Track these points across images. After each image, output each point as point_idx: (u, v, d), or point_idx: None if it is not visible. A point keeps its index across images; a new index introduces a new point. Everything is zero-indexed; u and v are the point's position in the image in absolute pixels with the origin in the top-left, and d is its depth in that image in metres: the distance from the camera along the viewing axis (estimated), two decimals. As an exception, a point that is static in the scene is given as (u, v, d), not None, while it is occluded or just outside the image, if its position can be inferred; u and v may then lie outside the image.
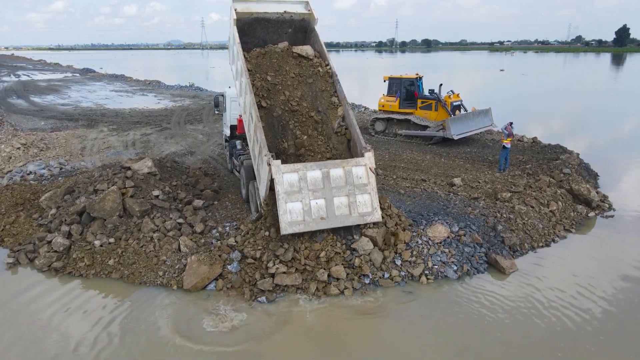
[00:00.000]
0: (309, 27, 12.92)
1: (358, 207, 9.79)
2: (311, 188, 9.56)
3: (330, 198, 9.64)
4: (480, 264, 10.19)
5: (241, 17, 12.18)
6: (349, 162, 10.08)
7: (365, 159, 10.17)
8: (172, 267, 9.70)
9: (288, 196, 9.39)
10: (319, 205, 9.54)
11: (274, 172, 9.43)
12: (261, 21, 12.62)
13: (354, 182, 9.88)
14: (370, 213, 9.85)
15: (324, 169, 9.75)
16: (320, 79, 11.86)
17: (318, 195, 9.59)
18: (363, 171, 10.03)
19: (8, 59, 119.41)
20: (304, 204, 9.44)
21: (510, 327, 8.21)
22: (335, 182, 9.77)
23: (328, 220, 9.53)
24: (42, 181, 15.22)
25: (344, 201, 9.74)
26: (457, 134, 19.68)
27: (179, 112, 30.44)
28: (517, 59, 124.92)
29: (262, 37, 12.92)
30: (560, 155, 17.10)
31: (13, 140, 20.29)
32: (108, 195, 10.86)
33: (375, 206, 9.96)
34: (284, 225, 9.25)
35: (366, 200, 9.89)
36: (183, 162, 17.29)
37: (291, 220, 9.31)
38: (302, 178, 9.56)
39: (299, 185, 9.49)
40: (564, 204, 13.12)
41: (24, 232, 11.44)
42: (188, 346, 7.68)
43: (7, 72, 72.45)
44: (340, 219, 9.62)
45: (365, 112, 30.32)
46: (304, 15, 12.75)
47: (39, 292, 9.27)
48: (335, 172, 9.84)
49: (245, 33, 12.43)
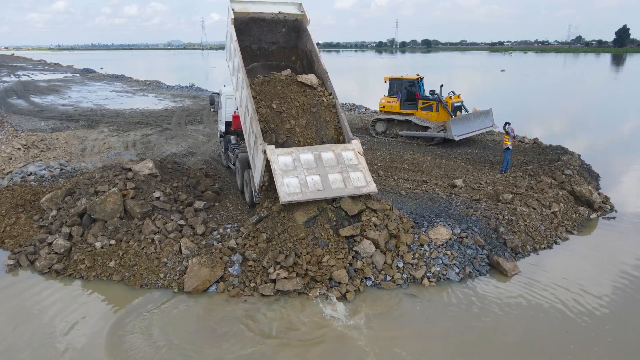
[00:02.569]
0: (302, 27, 13.66)
1: (352, 181, 10.35)
2: (305, 167, 10.26)
3: (324, 174, 10.26)
4: (482, 266, 10.16)
5: (238, 17, 12.87)
6: (338, 146, 10.90)
7: (353, 145, 10.98)
8: (173, 269, 9.67)
9: (284, 173, 10.06)
10: (315, 180, 10.15)
11: (269, 154, 10.14)
12: (257, 21, 13.37)
13: (345, 163, 10.59)
14: (365, 186, 10.39)
15: (315, 152, 10.55)
16: (324, 108, 11.96)
17: (313, 172, 10.23)
18: (352, 154, 10.79)
19: (8, 59, 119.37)
20: (300, 179, 10.05)
21: (512, 329, 8.18)
22: (328, 162, 10.49)
23: (325, 191, 10.04)
24: (43, 182, 15.19)
25: (338, 177, 10.34)
26: (458, 135, 19.65)
27: (179, 113, 30.41)
28: (518, 59, 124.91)
29: (257, 35, 13.81)
30: (562, 157, 17.07)
31: (13, 141, 20.25)
32: (109, 196, 10.83)
33: (369, 180, 10.49)
34: (283, 195, 9.77)
35: (359, 176, 10.48)
36: (184, 163, 17.26)
37: (289, 192, 9.84)
38: (295, 159, 10.33)
39: (294, 164, 10.24)
40: (566, 205, 13.09)
41: (25, 234, 11.41)
42: (190, 349, 7.65)
43: (7, 72, 72.44)
44: (336, 191, 10.13)
45: (365, 112, 30.30)
46: (297, 16, 13.47)
47: (40, 294, 9.24)
48: (326, 154, 10.61)
49: (241, 32, 13.15)
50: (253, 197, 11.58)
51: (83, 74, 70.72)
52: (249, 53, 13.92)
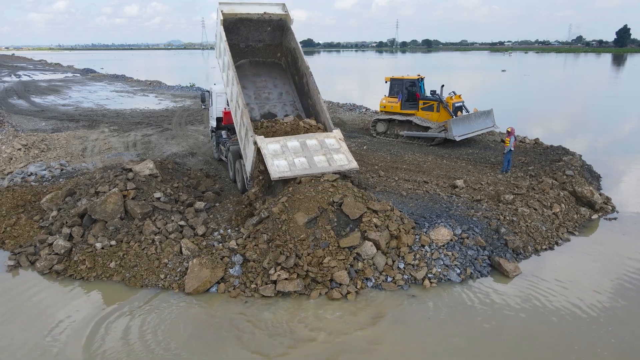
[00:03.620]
0: (286, 26, 14.85)
1: (335, 161, 11.48)
2: (292, 151, 11.37)
3: (310, 156, 11.41)
4: (483, 267, 10.13)
5: (227, 17, 13.88)
6: (321, 135, 12.14)
7: (334, 133, 12.24)
8: (174, 270, 9.64)
9: (274, 156, 11.14)
10: (302, 161, 11.26)
11: (259, 143, 11.22)
12: (244, 21, 14.44)
13: (328, 147, 11.76)
14: (347, 164, 11.55)
15: (300, 140, 11.70)
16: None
17: (299, 155, 11.37)
18: (334, 141, 11.98)
19: (9, 59, 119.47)
20: (289, 161, 11.15)
21: (514, 330, 8.15)
22: (312, 147, 11.65)
23: (311, 169, 11.13)
24: (43, 182, 15.18)
25: (322, 158, 11.49)
26: (459, 135, 19.63)
27: (179, 113, 30.41)
28: (518, 59, 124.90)
29: (245, 34, 14.99)
30: (563, 157, 17.03)
31: (14, 141, 20.24)
32: (109, 197, 10.81)
33: (351, 159, 11.65)
34: (273, 172, 10.84)
35: (341, 157, 11.64)
36: (184, 163, 17.26)
37: (279, 171, 10.91)
38: (283, 145, 11.42)
39: (282, 150, 11.34)
40: (567, 206, 13.06)
41: (25, 235, 11.38)
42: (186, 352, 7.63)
43: (8, 72, 72.49)
44: (321, 169, 11.20)
45: (366, 113, 30.28)
46: (281, 16, 14.54)
47: (39, 295, 9.22)
48: (311, 141, 11.78)
49: (230, 31, 14.26)
50: (245, 184, 12.99)
51: (83, 74, 70.76)
52: (237, 51, 14.97)
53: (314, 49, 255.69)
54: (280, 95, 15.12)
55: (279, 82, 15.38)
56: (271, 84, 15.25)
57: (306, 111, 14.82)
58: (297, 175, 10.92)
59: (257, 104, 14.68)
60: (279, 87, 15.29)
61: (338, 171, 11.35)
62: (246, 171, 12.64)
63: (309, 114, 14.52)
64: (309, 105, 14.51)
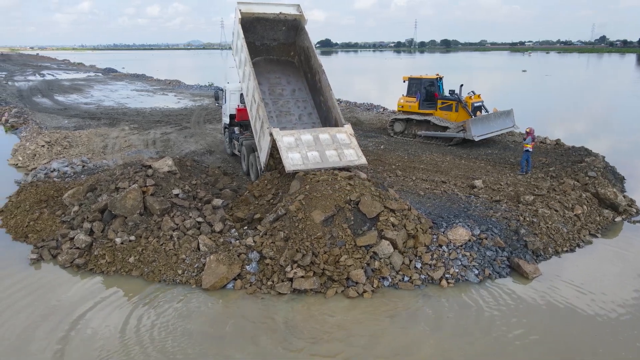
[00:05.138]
0: (300, 26, 15.50)
1: (346, 156, 12.03)
2: (306, 145, 11.95)
3: (322, 151, 11.96)
4: (502, 268, 9.98)
5: (245, 17, 14.59)
6: (333, 129, 12.74)
7: (345, 128, 12.75)
8: (191, 266, 9.73)
9: (288, 149, 11.71)
10: (314, 155, 11.82)
11: (275, 135, 11.79)
12: (261, 20, 15.15)
13: (339, 142, 12.30)
14: (357, 159, 12.07)
15: (313, 134, 12.29)
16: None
17: (312, 149, 11.93)
18: (345, 136, 12.49)
19: (33, 59, 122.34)
20: (302, 154, 11.71)
21: (534, 332, 8.00)
22: (324, 142, 12.20)
23: (323, 163, 11.68)
24: (65, 178, 15.48)
25: (333, 153, 12.03)
26: (478, 135, 19.38)
27: (198, 112, 30.71)
28: (539, 59, 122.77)
29: (260, 33, 15.71)
30: (585, 158, 16.68)
31: (38, 138, 20.72)
32: (129, 193, 10.97)
33: (360, 155, 12.18)
34: (288, 165, 11.40)
35: (352, 152, 12.17)
36: (202, 161, 17.42)
37: (293, 163, 11.48)
38: (297, 139, 11.98)
39: (296, 143, 11.91)
40: (590, 208, 12.78)
41: (48, 229, 11.63)
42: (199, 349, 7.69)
43: (33, 71, 74.24)
44: (332, 163, 11.76)
45: (383, 113, 30.13)
46: (296, 16, 15.25)
47: (60, 287, 9.41)
48: (323, 135, 12.34)
49: (247, 29, 14.85)
50: (259, 175, 13.57)
51: (105, 74, 72.03)
52: (253, 48, 15.49)
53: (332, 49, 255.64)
54: (293, 92, 15.61)
55: (292, 79, 15.90)
56: (285, 81, 15.79)
57: (318, 108, 15.25)
58: (310, 169, 11.37)
59: (271, 100, 15.17)
60: (292, 84, 15.81)
61: (348, 166, 11.83)
62: (260, 162, 13.35)
63: (321, 110, 14.98)
64: (320, 101, 14.95)
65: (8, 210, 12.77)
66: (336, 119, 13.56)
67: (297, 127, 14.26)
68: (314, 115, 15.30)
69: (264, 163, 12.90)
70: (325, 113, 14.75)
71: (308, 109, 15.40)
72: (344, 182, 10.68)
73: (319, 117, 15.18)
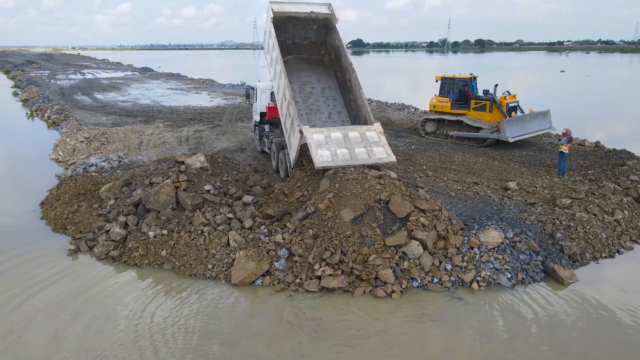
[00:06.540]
0: (331, 24, 15.66)
1: (375, 154, 12.02)
2: (335, 142, 12.00)
3: (351, 148, 11.97)
4: (536, 272, 9.68)
5: (277, 16, 14.84)
6: (362, 127, 12.78)
7: (375, 127, 12.72)
8: (221, 261, 9.87)
9: (318, 146, 11.79)
10: (343, 152, 11.84)
11: (305, 132, 11.95)
12: (292, 19, 15.38)
13: (368, 140, 12.30)
14: (386, 157, 12.08)
15: (343, 132, 12.35)
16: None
17: (341, 146, 11.94)
18: (374, 134, 12.49)
19: (75, 59, 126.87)
20: (331, 151, 11.77)
21: (570, 340, 7.73)
22: (354, 139, 12.22)
23: (352, 160, 11.70)
24: (102, 173, 15.99)
25: (363, 150, 12.02)
26: (512, 136, 18.86)
27: (230, 110, 31.14)
28: (579, 59, 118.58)
29: (292, 32, 15.91)
30: (627, 161, 15.95)
31: (77, 134, 21.48)
32: (162, 188, 11.22)
33: (389, 153, 12.19)
34: (317, 162, 11.50)
35: (381, 150, 12.17)
36: (234, 158, 17.65)
37: (323, 160, 11.55)
38: (327, 136, 12.05)
39: (326, 141, 11.98)
40: (631, 213, 12.24)
41: (85, 221, 12.04)
42: (238, 342, 7.77)
43: (74, 70, 77.01)
44: (361, 160, 11.77)
45: (415, 113, 29.77)
46: (327, 15, 15.41)
47: (96, 277, 9.73)
48: (352, 133, 12.36)
49: (278, 28, 15.06)
50: (288, 172, 13.73)
51: (142, 73, 74.00)
52: (284, 47, 15.56)
53: (363, 49, 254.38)
54: (323, 90, 15.69)
55: (322, 78, 16.00)
56: (315, 79, 15.89)
57: (347, 106, 15.26)
58: (339, 165, 11.45)
59: (302, 98, 15.28)
60: (322, 82, 15.89)
61: (377, 164, 11.94)
62: (290, 159, 13.48)
63: (350, 108, 14.99)
64: (350, 100, 14.99)
65: (49, 202, 13.32)
66: (366, 117, 13.59)
67: (327, 125, 14.27)
68: (344, 113, 15.31)
69: (294, 160, 13.07)
70: (354, 112, 14.73)
71: (338, 108, 15.43)
72: (374, 181, 10.60)
73: (348, 116, 15.18)
